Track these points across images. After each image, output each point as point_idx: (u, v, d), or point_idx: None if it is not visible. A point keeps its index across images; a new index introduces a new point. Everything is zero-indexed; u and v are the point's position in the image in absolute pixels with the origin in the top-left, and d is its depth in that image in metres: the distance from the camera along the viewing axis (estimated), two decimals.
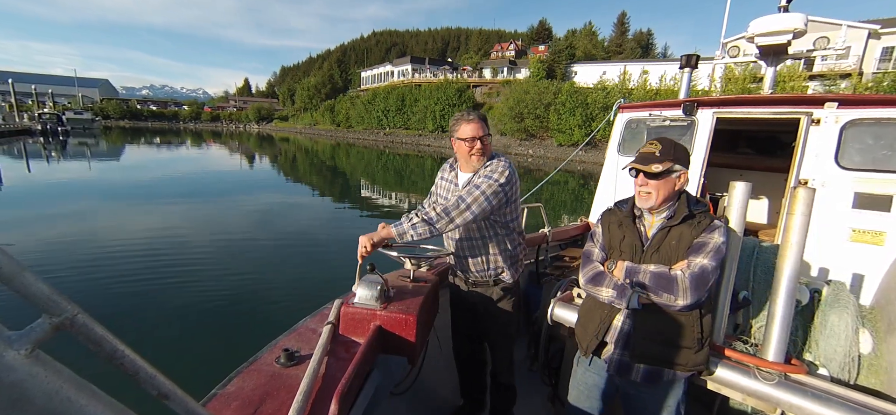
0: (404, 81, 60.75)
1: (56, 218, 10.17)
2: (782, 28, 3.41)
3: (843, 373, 1.93)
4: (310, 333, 1.71)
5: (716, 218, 1.59)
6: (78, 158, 24.96)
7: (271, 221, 11.27)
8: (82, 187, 14.81)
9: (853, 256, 2.92)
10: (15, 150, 26.88)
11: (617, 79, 37.17)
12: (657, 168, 1.56)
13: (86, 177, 17.41)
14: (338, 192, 17.96)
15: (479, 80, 54.13)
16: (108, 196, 13.41)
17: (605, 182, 4.42)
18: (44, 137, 38.47)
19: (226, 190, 15.80)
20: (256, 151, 37.73)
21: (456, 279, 2.31)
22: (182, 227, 10.05)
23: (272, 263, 7.91)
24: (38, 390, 0.40)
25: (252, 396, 1.29)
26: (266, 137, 60.83)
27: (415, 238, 1.84)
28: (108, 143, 37.83)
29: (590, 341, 1.73)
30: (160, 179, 17.69)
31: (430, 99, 49.57)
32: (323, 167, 26.99)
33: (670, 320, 1.55)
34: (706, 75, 30.12)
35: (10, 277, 0.41)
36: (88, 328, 0.47)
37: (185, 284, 6.65)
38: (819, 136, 3.13)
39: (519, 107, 38.21)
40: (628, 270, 1.58)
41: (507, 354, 2.34)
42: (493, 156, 2.10)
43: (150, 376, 0.55)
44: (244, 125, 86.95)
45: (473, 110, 2.08)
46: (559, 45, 52.71)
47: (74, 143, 34.66)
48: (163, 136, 53.15)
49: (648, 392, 1.65)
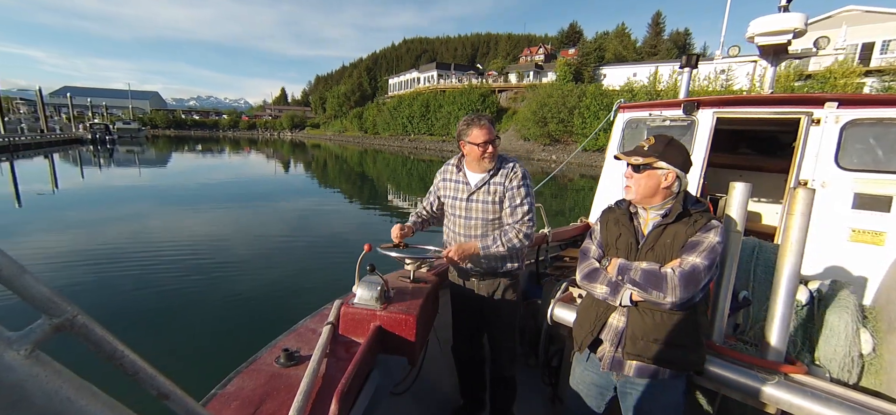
0: (429, 88, 61.21)
1: (86, 220, 10.86)
2: (782, 28, 3.39)
3: (843, 373, 1.92)
4: (310, 333, 1.72)
5: (713, 217, 1.58)
6: (122, 164, 27.63)
7: (287, 223, 11.44)
8: (115, 193, 15.93)
9: (853, 257, 2.91)
10: (70, 156, 30.44)
11: (646, 80, 36.02)
12: (637, 160, 1.58)
13: (119, 184, 18.62)
14: (365, 195, 18.22)
15: (503, 85, 53.81)
16: (132, 199, 14.21)
17: (605, 182, 4.43)
18: (93, 145, 42.19)
19: (243, 194, 16.21)
20: (289, 157, 39.70)
21: (458, 276, 2.33)
22: (189, 229, 10.18)
23: (278, 262, 7.96)
24: (37, 391, 0.40)
25: (252, 396, 1.30)
26: (298, 144, 64.12)
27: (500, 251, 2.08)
28: (154, 150, 40.99)
29: (585, 337, 1.75)
30: (182, 184, 18.49)
31: (453, 104, 49.76)
32: (351, 173, 27.71)
33: (665, 318, 1.55)
34: (745, 74, 28.66)
35: (11, 279, 0.41)
36: (88, 329, 0.47)
37: (186, 283, 6.68)
38: (819, 136, 3.12)
39: (542, 111, 37.63)
40: (620, 267, 1.60)
41: (509, 346, 2.35)
42: (503, 159, 2.17)
43: (150, 376, 0.55)
44: (278, 133, 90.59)
45: (483, 114, 2.15)
46: (588, 47, 51.61)
47: (122, 150, 37.99)
48: (204, 143, 57.15)
49: (645, 390, 1.65)
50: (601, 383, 1.79)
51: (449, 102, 50.83)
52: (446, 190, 2.29)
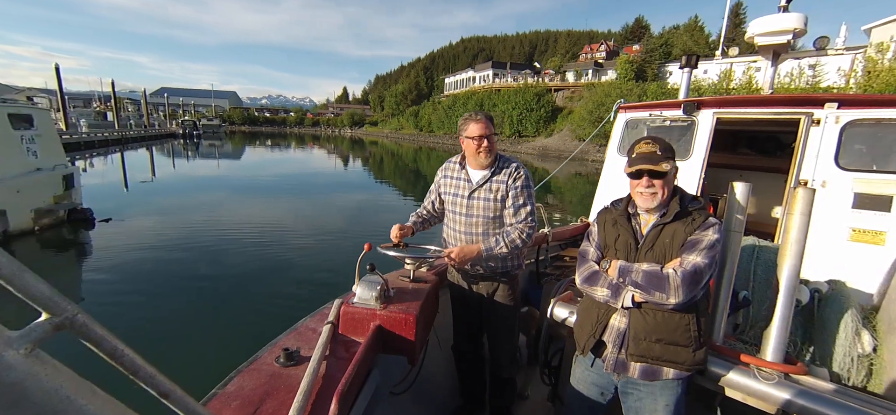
0: (484, 87, 61.35)
1: (171, 206, 12.37)
2: (782, 28, 3.39)
3: (843, 373, 1.92)
4: (310, 332, 1.72)
5: (710, 215, 1.59)
6: (205, 157, 31.68)
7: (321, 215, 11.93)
8: (200, 182, 18.29)
9: (853, 256, 2.91)
10: (165, 149, 35.61)
11: (717, 77, 33.34)
12: (666, 167, 1.56)
13: (201, 173, 21.21)
14: (418, 191, 18.64)
15: (560, 84, 52.34)
16: (206, 188, 16.03)
17: (605, 182, 4.46)
18: (184, 139, 49.01)
19: (293, 187, 17.32)
20: (348, 152, 42.71)
21: (457, 275, 2.32)
22: (207, 224, 10.33)
23: (295, 258, 7.99)
24: (37, 390, 0.40)
25: (252, 395, 1.30)
26: (357, 141, 67.37)
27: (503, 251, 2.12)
28: (230, 144, 46.29)
29: (587, 339, 1.74)
30: (253, 176, 20.57)
31: (507, 104, 49.33)
32: (405, 169, 28.80)
33: (666, 319, 1.55)
34: (835, 70, 25.62)
35: (11, 278, 0.41)
36: (88, 328, 0.47)
37: (185, 283, 6.70)
38: (819, 136, 3.13)
39: (599, 111, 36.18)
40: (621, 268, 1.59)
41: (509, 347, 2.35)
42: (504, 158, 2.19)
43: (150, 375, 0.55)
44: (339, 130, 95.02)
45: (480, 111, 2.20)
46: (653, 43, 48.87)
47: (206, 144, 43.47)
48: (273, 139, 62.58)
49: (646, 391, 1.65)
50: (601, 382, 1.79)
51: (503, 102, 50.44)
52: (447, 187, 2.30)
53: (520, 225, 2.11)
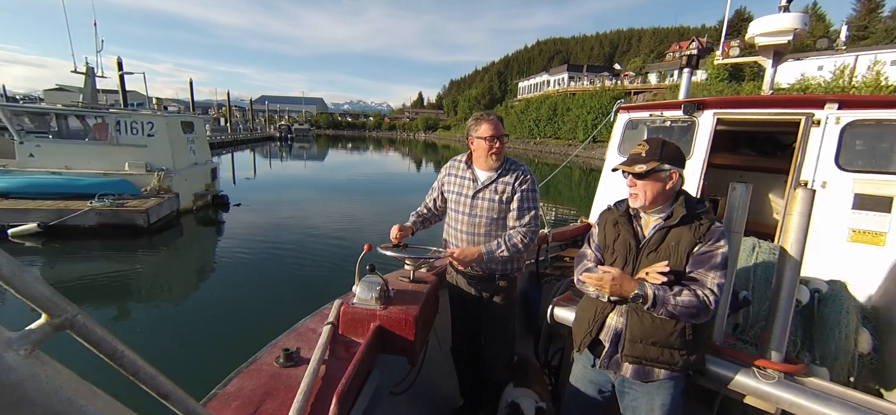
0: (558, 91, 59.79)
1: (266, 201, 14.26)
2: (783, 28, 3.39)
3: (843, 373, 1.92)
4: (310, 333, 1.72)
5: (716, 220, 1.58)
6: (296, 157, 35.47)
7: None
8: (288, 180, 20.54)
9: (853, 257, 2.91)
10: (264, 150, 40.19)
11: (831, 75, 28.88)
12: (641, 169, 1.56)
13: (289, 173, 23.90)
14: None
15: (640, 87, 49.31)
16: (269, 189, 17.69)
17: (605, 183, 4.45)
18: (279, 142, 54.24)
19: (371, 188, 18.63)
20: (422, 156, 44.59)
21: (457, 276, 2.31)
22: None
23: None
24: (37, 391, 0.40)
25: (252, 396, 1.30)
26: (430, 144, 69.75)
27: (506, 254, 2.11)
28: (316, 147, 50.91)
29: (583, 337, 1.76)
30: (332, 177, 22.48)
31: (582, 108, 47.32)
32: None
33: (664, 323, 1.54)
34: None
35: (11, 278, 0.41)
36: (88, 329, 0.48)
37: (187, 283, 6.80)
38: (819, 137, 3.13)
39: None
40: (659, 299, 1.49)
41: (503, 350, 2.34)
42: (511, 162, 2.18)
43: (150, 375, 0.55)
44: (414, 134, 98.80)
45: (492, 112, 2.19)
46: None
47: (297, 146, 48.10)
48: (353, 142, 67.49)
49: (641, 390, 1.65)
50: (599, 381, 1.79)
51: (578, 105, 48.55)
52: (451, 186, 2.27)
53: (523, 228, 2.10)
